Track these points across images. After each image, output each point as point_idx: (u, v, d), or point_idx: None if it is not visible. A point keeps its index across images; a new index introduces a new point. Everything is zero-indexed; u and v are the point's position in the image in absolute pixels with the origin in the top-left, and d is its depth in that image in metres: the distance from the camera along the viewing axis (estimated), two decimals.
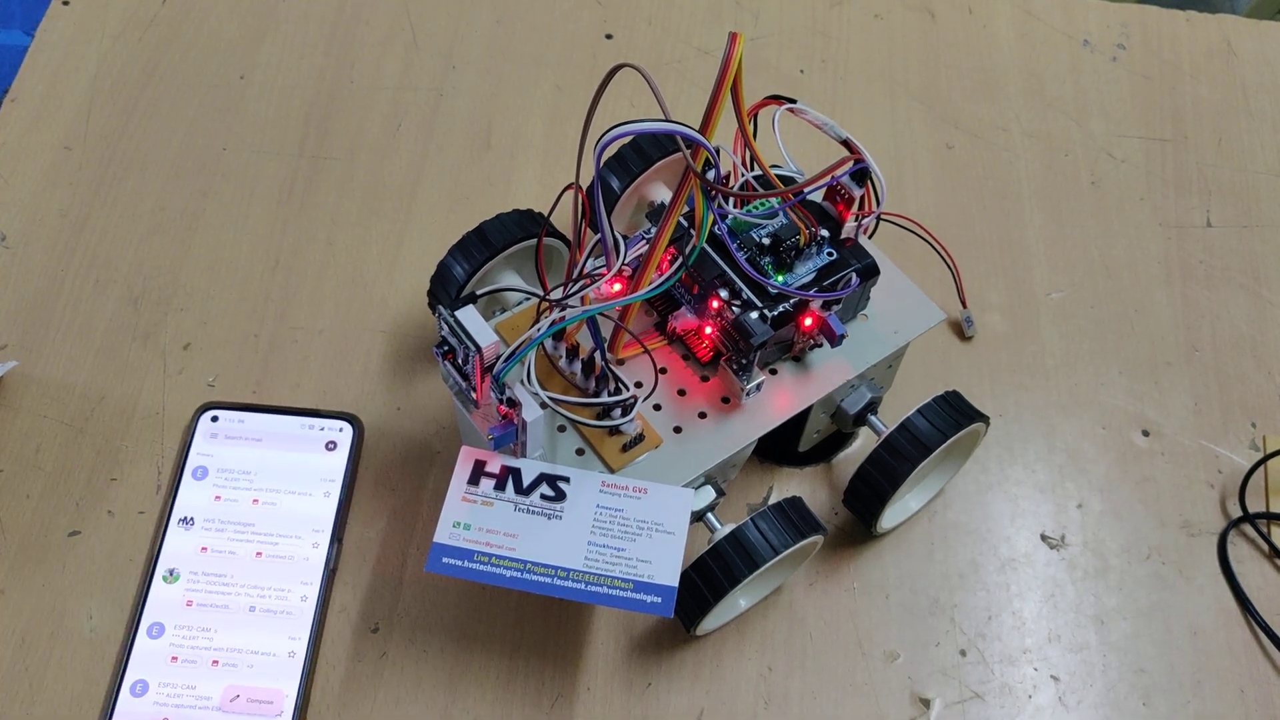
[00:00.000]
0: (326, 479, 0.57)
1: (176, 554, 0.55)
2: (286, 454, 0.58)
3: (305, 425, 0.59)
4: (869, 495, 0.55)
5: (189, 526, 0.56)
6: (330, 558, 0.56)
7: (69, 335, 0.63)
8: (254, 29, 0.76)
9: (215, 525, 0.56)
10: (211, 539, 0.55)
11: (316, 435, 0.59)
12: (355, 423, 0.60)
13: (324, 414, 0.60)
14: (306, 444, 0.58)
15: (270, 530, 0.56)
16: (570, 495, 0.50)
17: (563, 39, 0.77)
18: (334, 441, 0.58)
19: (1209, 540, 0.61)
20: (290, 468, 0.58)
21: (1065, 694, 0.56)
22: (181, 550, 0.55)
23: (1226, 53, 0.80)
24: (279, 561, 0.55)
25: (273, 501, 0.57)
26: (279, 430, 0.59)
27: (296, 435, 0.59)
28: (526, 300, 0.55)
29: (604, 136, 0.44)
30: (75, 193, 0.68)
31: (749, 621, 0.57)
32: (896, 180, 0.72)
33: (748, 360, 0.51)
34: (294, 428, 0.59)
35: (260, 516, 0.56)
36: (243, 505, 0.56)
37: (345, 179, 0.70)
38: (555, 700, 0.54)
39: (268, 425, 0.59)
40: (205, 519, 0.56)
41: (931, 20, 0.80)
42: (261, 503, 0.57)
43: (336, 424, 0.59)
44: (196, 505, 0.56)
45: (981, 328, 0.67)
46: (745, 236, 0.52)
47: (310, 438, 0.59)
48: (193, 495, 0.57)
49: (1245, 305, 0.69)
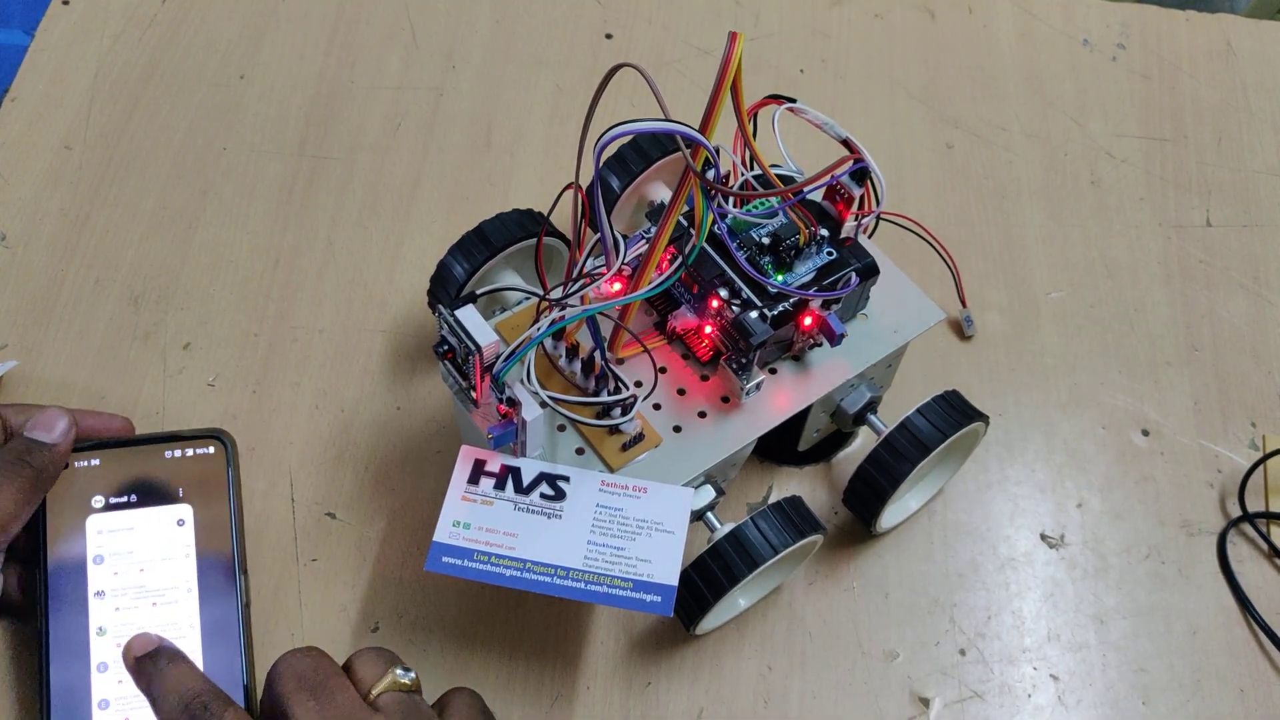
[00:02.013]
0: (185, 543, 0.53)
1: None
2: (147, 518, 0.53)
3: (167, 452, 0.54)
4: (869, 495, 0.55)
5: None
6: (240, 593, 0.52)
7: (69, 335, 0.63)
8: (254, 29, 0.76)
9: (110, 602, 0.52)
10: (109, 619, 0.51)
11: (180, 466, 0.54)
12: (224, 439, 0.55)
13: (184, 436, 0.55)
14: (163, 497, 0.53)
15: (160, 586, 0.52)
16: (570, 494, 0.50)
17: (563, 39, 0.77)
18: (182, 519, 0.53)
19: (1208, 540, 0.61)
20: (154, 536, 0.53)
21: (1065, 693, 0.56)
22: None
23: (1226, 52, 0.80)
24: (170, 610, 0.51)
25: (148, 567, 0.52)
26: (137, 473, 0.53)
27: (154, 475, 0.53)
28: (526, 300, 0.55)
29: (604, 136, 0.44)
30: (75, 192, 0.68)
31: (749, 621, 0.57)
32: (896, 180, 0.72)
33: (747, 359, 0.51)
34: (154, 461, 0.54)
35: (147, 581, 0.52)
36: (129, 577, 0.52)
37: (345, 179, 0.70)
38: (555, 699, 0.54)
39: (125, 468, 0.54)
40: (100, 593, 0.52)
41: (931, 20, 0.80)
42: (146, 571, 0.52)
43: (204, 445, 0.55)
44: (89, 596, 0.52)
45: (981, 327, 0.67)
46: (745, 236, 0.52)
47: (166, 482, 0.54)
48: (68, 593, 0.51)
49: (1245, 305, 0.69)
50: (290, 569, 0.57)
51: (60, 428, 0.52)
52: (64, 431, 0.52)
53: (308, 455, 0.60)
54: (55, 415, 0.52)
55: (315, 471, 0.59)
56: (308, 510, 0.58)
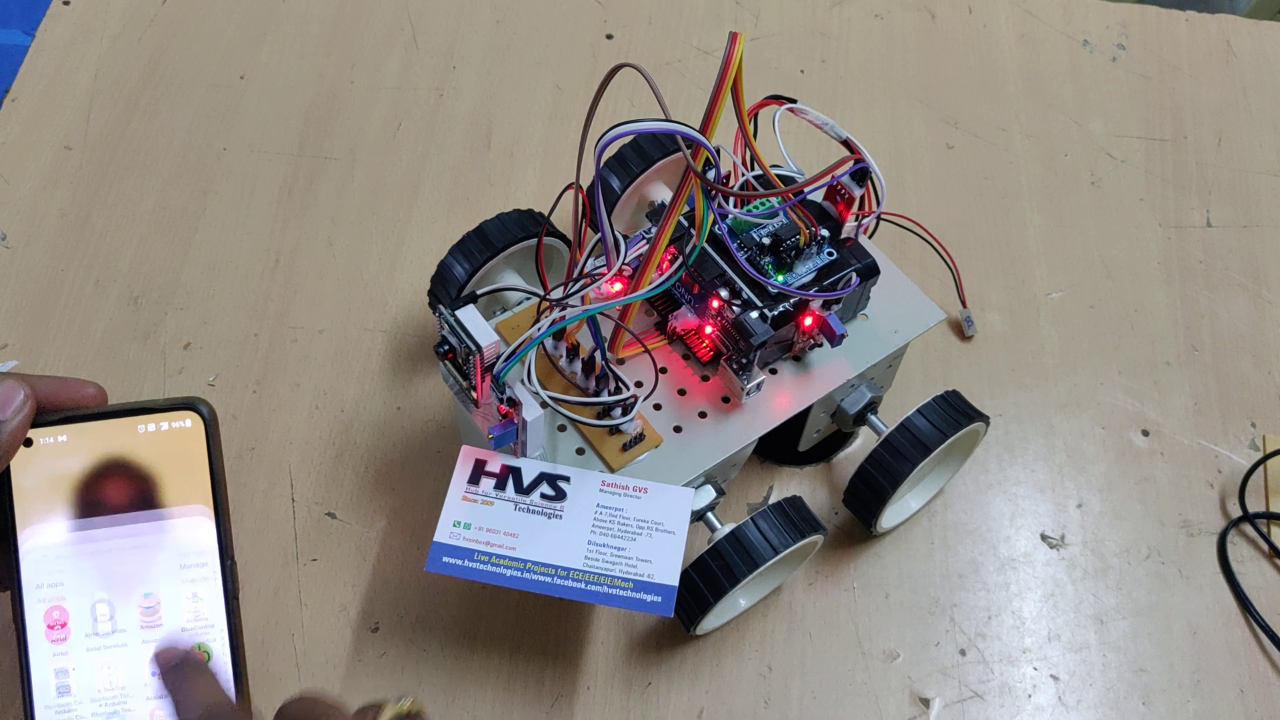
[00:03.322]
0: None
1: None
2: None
3: (140, 426, 0.47)
4: (869, 495, 0.55)
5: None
6: (228, 581, 0.46)
7: (69, 335, 0.63)
8: (254, 29, 0.76)
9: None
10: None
11: (154, 442, 0.47)
12: (202, 408, 0.46)
13: (157, 408, 0.46)
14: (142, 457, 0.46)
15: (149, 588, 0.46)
16: (570, 494, 0.50)
17: (563, 39, 0.77)
18: (158, 500, 0.47)
19: (1209, 540, 0.61)
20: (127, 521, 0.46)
21: (1065, 693, 0.56)
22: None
23: (1226, 53, 0.80)
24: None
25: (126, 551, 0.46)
26: (106, 450, 0.46)
27: (125, 453, 0.46)
28: (527, 300, 0.55)
29: (604, 136, 0.44)
30: (75, 193, 0.68)
31: (749, 621, 0.57)
32: (896, 180, 0.72)
33: (748, 360, 0.51)
34: (126, 437, 0.47)
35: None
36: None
37: (345, 179, 0.70)
38: (555, 700, 0.54)
39: (93, 445, 0.46)
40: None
41: (931, 20, 0.80)
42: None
43: (179, 417, 0.46)
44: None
45: (981, 328, 0.67)
46: (745, 236, 0.52)
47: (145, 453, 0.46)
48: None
49: (1245, 305, 0.69)
50: (290, 569, 0.57)
51: (15, 403, 0.47)
52: (18, 407, 0.47)
53: (308, 455, 0.60)
54: (10, 390, 0.47)
55: (315, 471, 0.59)
56: (308, 510, 0.58)
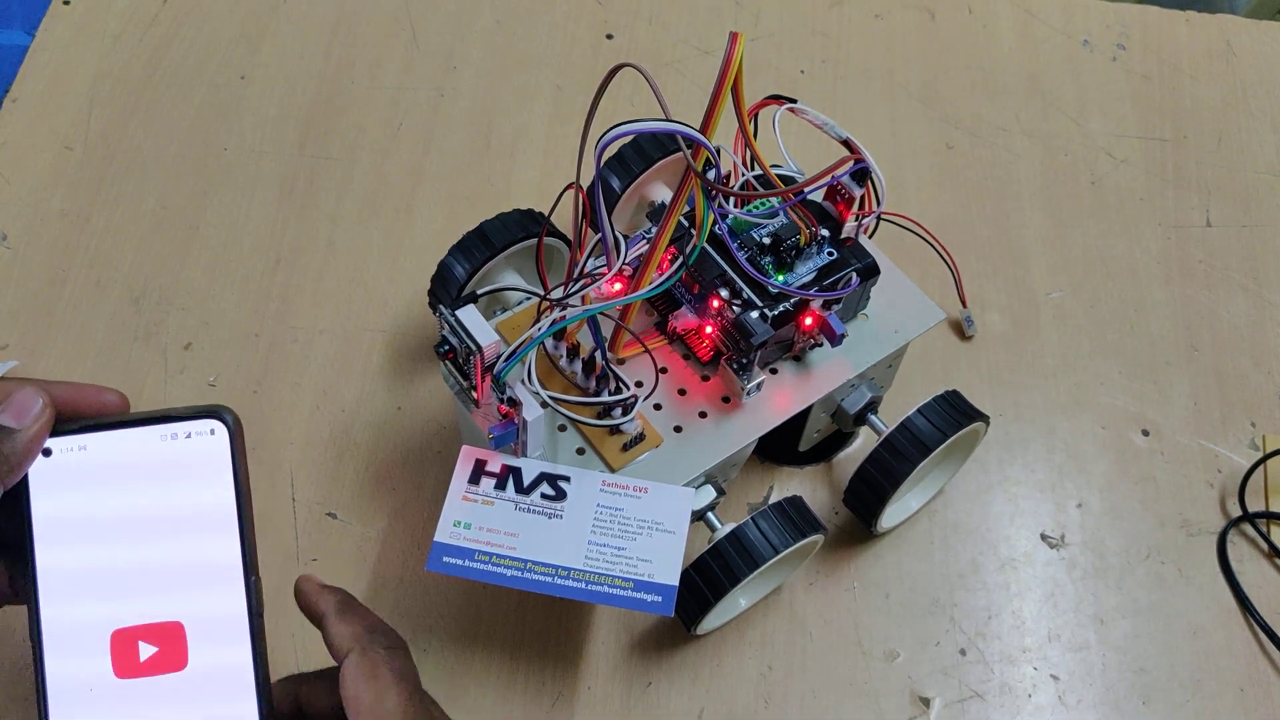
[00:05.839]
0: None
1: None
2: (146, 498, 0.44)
3: (162, 436, 0.45)
4: (869, 495, 0.55)
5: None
6: (251, 599, 0.45)
7: (69, 335, 0.63)
8: (254, 29, 0.76)
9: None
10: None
11: (176, 451, 0.45)
12: (226, 417, 0.44)
13: (179, 416, 0.44)
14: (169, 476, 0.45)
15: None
16: (571, 494, 0.50)
17: (563, 39, 0.77)
18: (180, 514, 0.45)
19: (1208, 540, 0.61)
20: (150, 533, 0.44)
21: (1065, 693, 0.56)
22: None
23: (1226, 53, 0.80)
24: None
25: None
26: (128, 460, 0.45)
27: (148, 464, 0.45)
28: (527, 300, 0.55)
29: (604, 136, 0.44)
30: (75, 193, 0.68)
31: (749, 621, 0.57)
32: (896, 180, 0.72)
33: (748, 360, 0.51)
34: (148, 447, 0.45)
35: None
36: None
37: (345, 179, 0.70)
38: (556, 699, 0.54)
39: (114, 454, 0.45)
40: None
41: (931, 20, 0.80)
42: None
43: (203, 425, 0.44)
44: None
45: (981, 328, 0.67)
46: (746, 236, 0.52)
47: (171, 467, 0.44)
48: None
49: (1245, 305, 0.69)
50: (291, 569, 0.57)
51: (33, 411, 0.47)
52: (36, 415, 0.47)
53: (308, 455, 0.60)
54: (29, 399, 0.47)
55: (316, 471, 0.59)
56: (308, 510, 0.58)
